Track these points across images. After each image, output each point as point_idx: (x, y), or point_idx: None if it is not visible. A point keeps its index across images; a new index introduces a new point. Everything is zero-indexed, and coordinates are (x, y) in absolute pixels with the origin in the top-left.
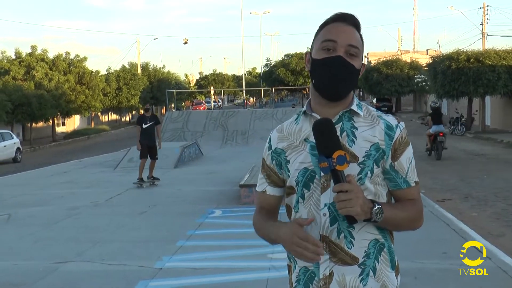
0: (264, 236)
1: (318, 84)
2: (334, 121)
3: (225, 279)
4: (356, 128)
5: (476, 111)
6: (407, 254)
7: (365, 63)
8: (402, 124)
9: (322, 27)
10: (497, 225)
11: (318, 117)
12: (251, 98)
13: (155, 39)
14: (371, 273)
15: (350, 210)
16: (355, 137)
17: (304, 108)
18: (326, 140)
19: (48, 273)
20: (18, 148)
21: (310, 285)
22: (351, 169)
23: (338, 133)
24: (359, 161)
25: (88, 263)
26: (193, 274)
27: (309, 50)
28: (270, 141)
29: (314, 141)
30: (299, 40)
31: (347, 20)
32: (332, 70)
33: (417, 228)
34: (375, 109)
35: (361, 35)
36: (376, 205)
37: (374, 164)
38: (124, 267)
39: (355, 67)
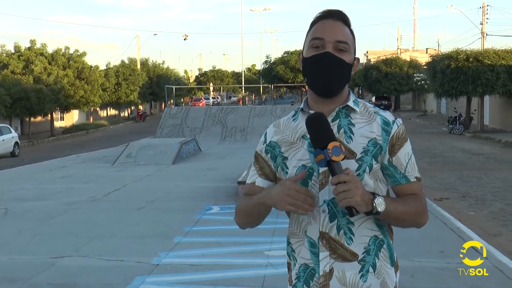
0: (248, 210)
1: (310, 81)
2: (331, 118)
3: (222, 276)
4: (354, 125)
5: (475, 110)
6: (404, 252)
7: (358, 57)
8: (400, 120)
9: (311, 26)
10: (494, 224)
11: None
12: (246, 98)
13: (155, 35)
14: (371, 270)
15: (350, 200)
16: (353, 134)
17: (302, 106)
18: (319, 133)
19: (45, 268)
20: (16, 143)
21: (311, 282)
22: (350, 166)
23: (336, 130)
24: (357, 157)
25: (85, 258)
26: (190, 271)
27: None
28: (265, 135)
29: None
30: (299, 38)
31: (334, 16)
32: (321, 66)
33: (422, 225)
34: (372, 105)
35: (351, 30)
36: (377, 196)
37: (373, 159)
38: (121, 262)
39: (345, 61)
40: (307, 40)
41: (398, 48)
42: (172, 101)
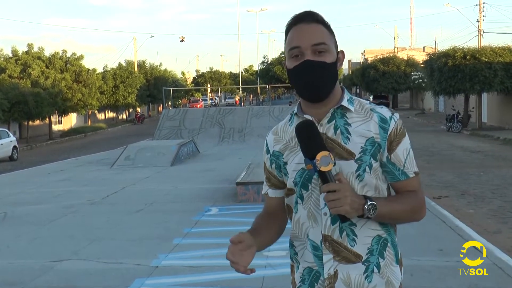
0: None
1: (298, 91)
2: (327, 120)
3: (221, 277)
4: (350, 125)
5: (473, 108)
6: (403, 251)
7: (343, 50)
8: (397, 115)
9: (285, 34)
10: (493, 222)
11: (310, 118)
12: (243, 99)
13: (151, 37)
14: (375, 270)
15: (340, 209)
16: (350, 134)
17: (295, 110)
18: (308, 143)
19: (44, 272)
20: (14, 146)
21: (316, 284)
22: (349, 166)
23: (333, 131)
24: (355, 158)
25: (84, 261)
26: (189, 272)
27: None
28: (267, 144)
29: None
30: None
31: (304, 19)
32: (304, 75)
33: (420, 219)
34: (368, 102)
35: (328, 26)
36: (369, 201)
37: (372, 158)
38: (120, 265)
39: (326, 63)
40: (286, 49)
41: (395, 47)
42: (169, 103)
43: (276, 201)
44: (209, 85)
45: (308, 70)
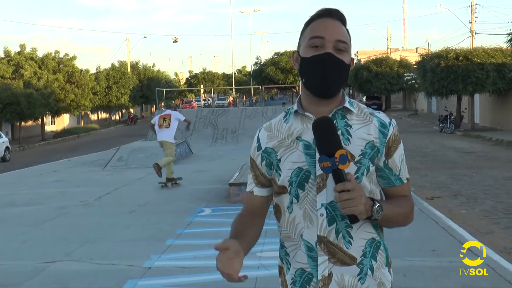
0: None
1: (308, 82)
2: None
3: (214, 278)
4: (351, 126)
5: (465, 109)
6: (396, 252)
7: (354, 57)
8: (394, 121)
9: (308, 24)
10: (485, 222)
11: (311, 116)
12: (236, 100)
13: (144, 37)
14: (369, 272)
15: (354, 209)
16: (350, 136)
17: (295, 107)
18: (328, 139)
19: (37, 273)
20: (7, 147)
21: (308, 286)
22: (348, 169)
23: None
24: (355, 160)
25: (77, 262)
26: (182, 273)
27: (295, 49)
28: (259, 140)
29: (307, 140)
30: (289, 38)
31: (332, 15)
32: (322, 68)
33: (408, 224)
34: (365, 106)
35: (347, 30)
36: (376, 203)
37: (370, 162)
38: (113, 266)
39: (345, 63)
40: (304, 38)
41: (388, 48)
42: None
43: (260, 200)
44: (202, 86)
45: (326, 63)
